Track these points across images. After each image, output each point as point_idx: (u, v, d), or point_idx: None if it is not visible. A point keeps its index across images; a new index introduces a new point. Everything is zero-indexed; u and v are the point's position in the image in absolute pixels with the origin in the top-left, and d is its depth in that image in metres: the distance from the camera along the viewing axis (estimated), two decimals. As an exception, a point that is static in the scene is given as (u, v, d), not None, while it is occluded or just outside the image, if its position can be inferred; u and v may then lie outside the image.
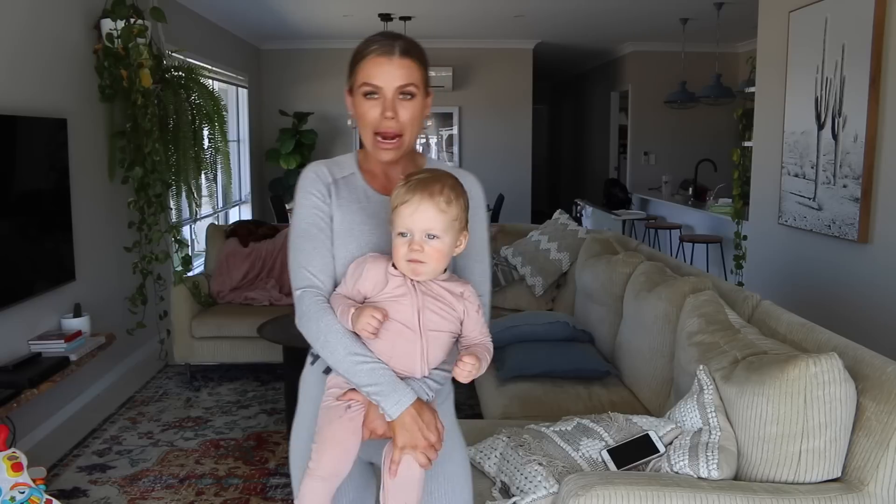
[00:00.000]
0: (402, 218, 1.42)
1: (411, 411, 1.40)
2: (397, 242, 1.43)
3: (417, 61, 1.52)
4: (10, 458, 2.58)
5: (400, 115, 1.50)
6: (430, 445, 1.42)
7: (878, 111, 3.39)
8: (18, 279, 3.37)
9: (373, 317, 1.40)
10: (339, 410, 1.45)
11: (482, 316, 1.50)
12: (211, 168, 4.79)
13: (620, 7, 6.85)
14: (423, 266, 1.42)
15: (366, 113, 1.51)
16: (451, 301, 1.46)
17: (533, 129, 9.39)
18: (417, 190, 1.41)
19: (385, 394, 1.40)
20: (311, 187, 1.56)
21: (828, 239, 3.83)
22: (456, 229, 1.44)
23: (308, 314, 1.48)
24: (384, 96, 1.49)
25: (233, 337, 4.48)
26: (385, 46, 1.50)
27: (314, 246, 1.52)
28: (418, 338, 1.43)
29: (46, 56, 3.70)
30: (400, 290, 1.43)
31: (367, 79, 1.50)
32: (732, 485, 1.77)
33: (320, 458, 1.44)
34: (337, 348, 1.44)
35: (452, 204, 1.42)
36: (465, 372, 1.42)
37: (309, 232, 1.53)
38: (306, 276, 1.51)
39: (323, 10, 7.04)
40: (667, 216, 8.08)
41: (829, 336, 2.05)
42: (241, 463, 3.41)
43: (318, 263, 1.51)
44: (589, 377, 3.05)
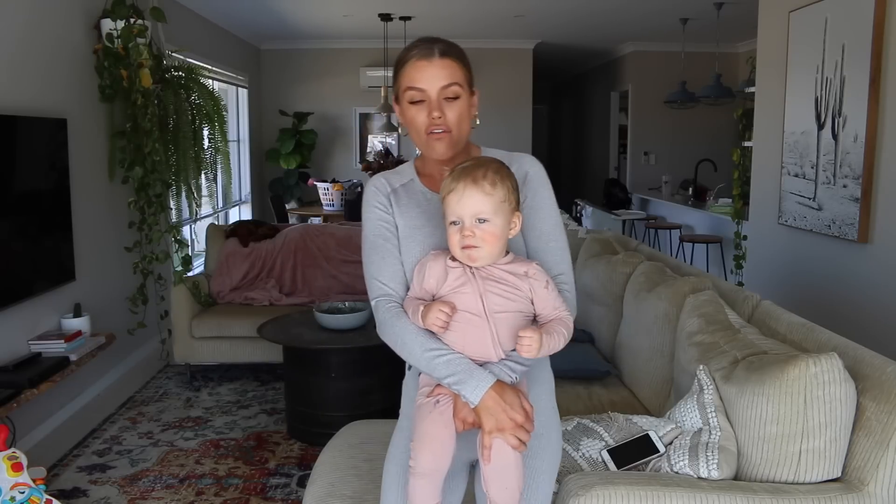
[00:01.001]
0: (450, 206, 1.45)
1: (492, 394, 1.41)
2: (450, 231, 1.46)
3: (458, 60, 1.55)
4: (10, 458, 2.58)
5: (447, 115, 1.52)
6: (519, 426, 1.42)
7: (878, 111, 3.39)
8: (18, 279, 3.37)
9: (441, 311, 1.43)
10: (429, 406, 1.48)
11: (553, 291, 1.49)
12: (211, 168, 4.79)
13: (620, 7, 6.85)
14: (478, 251, 1.44)
15: (414, 118, 1.54)
16: (514, 282, 1.46)
17: (533, 129, 9.39)
18: (461, 177, 1.44)
19: (463, 381, 1.43)
20: (373, 200, 1.61)
21: (828, 239, 3.83)
22: (506, 210, 1.45)
23: (384, 322, 1.54)
24: (429, 98, 1.52)
25: (233, 337, 4.48)
26: (424, 50, 1.53)
27: (381, 256, 1.57)
28: (486, 322, 1.45)
29: (46, 56, 3.70)
30: (460, 279, 1.46)
31: (410, 83, 1.53)
32: (732, 485, 1.77)
33: (418, 456, 1.46)
34: (413, 348, 1.48)
35: (498, 186, 1.44)
36: (525, 346, 1.41)
37: (375, 243, 1.58)
38: (378, 286, 1.56)
39: (323, 10, 7.04)
40: (667, 216, 8.08)
41: (829, 336, 2.05)
42: (241, 463, 3.41)
43: (387, 272, 1.56)
44: (589, 377, 3.05)
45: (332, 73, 8.88)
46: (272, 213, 7.99)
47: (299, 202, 8.56)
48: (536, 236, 1.59)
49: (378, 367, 3.61)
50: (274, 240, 5.07)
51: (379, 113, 8.21)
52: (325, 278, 4.95)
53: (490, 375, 1.43)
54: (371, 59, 8.69)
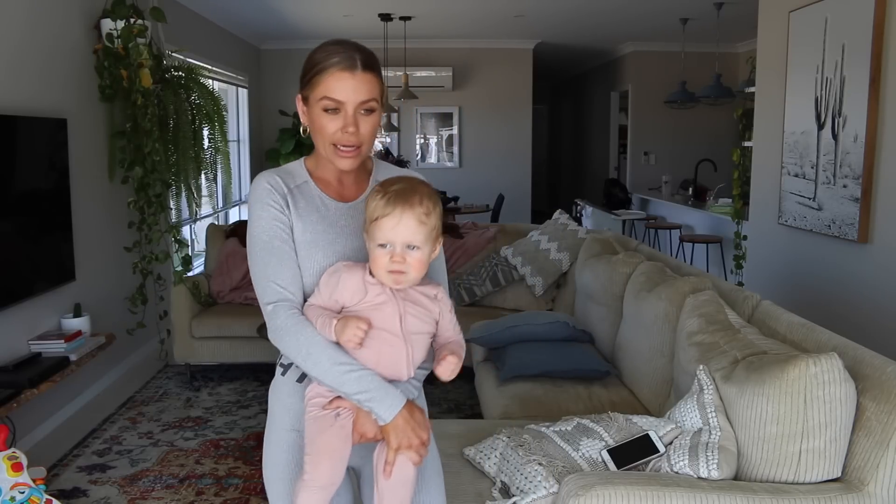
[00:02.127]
0: (382, 230, 1.42)
1: (404, 413, 1.43)
2: (377, 254, 1.44)
3: (377, 74, 1.51)
4: (10, 458, 2.58)
5: (361, 129, 1.49)
6: (423, 443, 1.46)
7: (878, 111, 3.39)
8: (18, 279, 3.37)
9: (358, 328, 1.41)
10: (328, 419, 1.47)
11: (453, 314, 1.54)
12: (211, 168, 4.79)
13: (620, 7, 6.85)
14: (405, 276, 1.44)
15: (324, 126, 1.49)
16: (427, 304, 1.49)
17: (533, 129, 9.39)
18: (398, 202, 1.42)
19: (377, 399, 1.43)
20: (268, 198, 1.53)
21: (828, 239, 3.83)
22: (433, 238, 1.46)
23: (285, 328, 1.48)
24: (345, 111, 1.48)
25: (233, 337, 4.48)
26: (347, 60, 1.47)
27: (279, 259, 1.51)
28: (403, 343, 1.46)
29: (46, 56, 3.70)
30: (380, 297, 1.45)
31: (328, 93, 1.47)
32: (732, 485, 1.77)
33: (316, 469, 1.45)
34: (321, 360, 1.44)
35: (431, 214, 1.44)
36: (450, 370, 1.46)
37: (272, 245, 1.51)
38: (276, 289, 1.50)
39: (323, 10, 7.04)
40: (667, 216, 8.08)
41: (829, 336, 2.05)
42: (241, 463, 3.41)
43: (286, 276, 1.50)
44: (589, 377, 3.05)
45: (332, 73, 8.87)
46: (272, 213, 7.97)
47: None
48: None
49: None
50: (274, 240, 5.06)
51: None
52: (325, 278, 4.95)
53: (402, 395, 1.45)
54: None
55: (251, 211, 1.55)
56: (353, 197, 1.60)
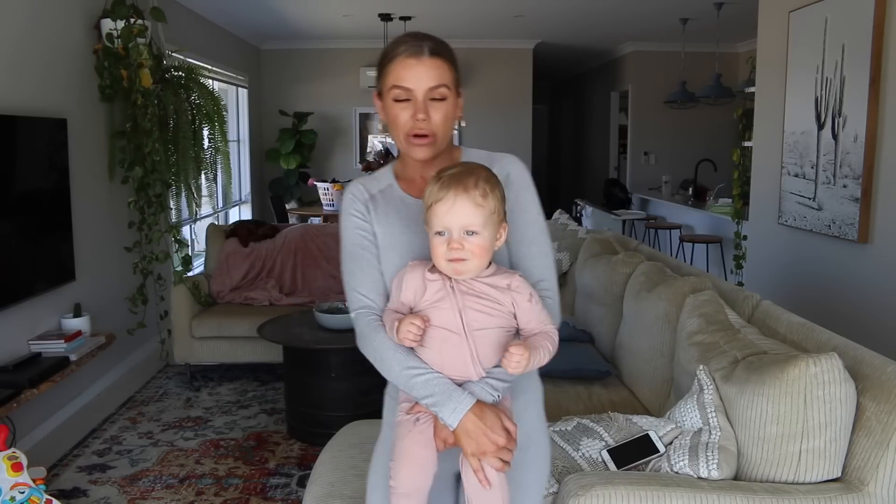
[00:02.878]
0: (437, 216, 1.37)
1: (471, 417, 1.36)
2: (435, 242, 1.38)
3: (448, 61, 1.48)
4: (10, 458, 2.58)
5: (432, 117, 1.45)
6: (501, 448, 1.36)
7: (878, 111, 3.39)
8: (18, 279, 3.37)
9: (412, 324, 1.37)
10: (408, 424, 1.43)
11: (537, 304, 1.41)
12: (211, 168, 4.79)
13: (620, 7, 6.85)
14: (465, 264, 1.37)
15: (397, 116, 1.47)
16: (495, 296, 1.39)
17: (533, 129, 9.39)
18: (451, 185, 1.36)
19: (441, 403, 1.37)
20: (350, 207, 1.54)
21: (828, 239, 3.83)
22: (495, 222, 1.39)
23: (363, 335, 1.49)
24: (415, 98, 1.45)
25: (233, 337, 4.48)
26: (414, 47, 1.45)
27: (360, 266, 1.51)
28: (464, 340, 1.38)
29: (46, 56, 3.70)
30: (438, 294, 1.39)
31: (396, 81, 1.46)
32: (732, 485, 1.77)
33: (398, 475, 1.41)
34: (392, 365, 1.43)
35: (489, 196, 1.37)
36: (513, 362, 1.35)
37: (354, 253, 1.52)
38: (358, 297, 1.51)
39: (323, 10, 7.04)
40: (667, 216, 8.08)
41: (829, 336, 2.05)
42: (241, 463, 3.41)
43: (367, 283, 1.51)
44: (589, 377, 3.05)
45: (332, 73, 8.88)
46: (272, 213, 7.99)
47: (299, 202, 8.56)
48: (518, 240, 1.51)
49: (378, 367, 3.61)
50: (274, 240, 5.07)
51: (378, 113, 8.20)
52: (325, 278, 4.95)
53: (469, 397, 1.37)
54: (371, 59, 8.68)
55: (340, 220, 1.57)
56: None
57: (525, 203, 1.54)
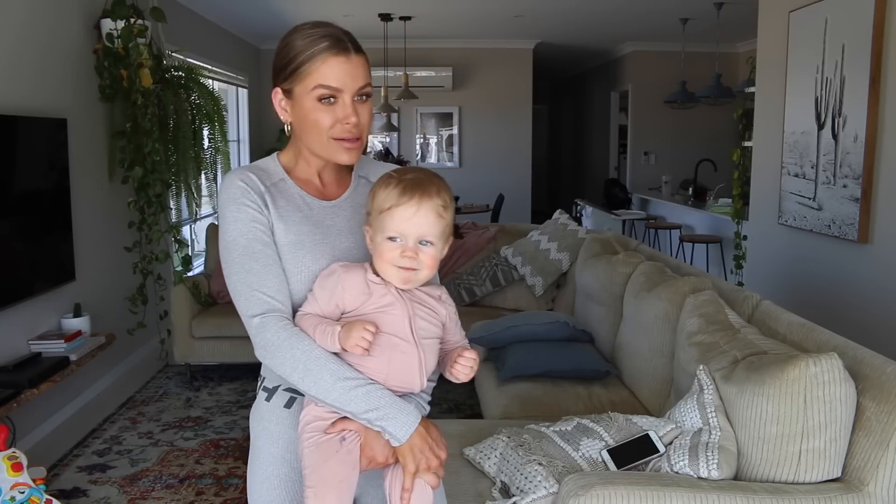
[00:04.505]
0: (395, 221, 1.28)
1: (420, 431, 1.28)
2: (385, 247, 1.29)
3: (366, 57, 1.39)
4: (10, 458, 2.58)
5: (361, 119, 1.36)
6: (441, 463, 1.31)
7: (878, 111, 3.39)
8: (18, 279, 3.37)
9: (365, 329, 1.25)
10: (333, 445, 1.29)
11: (458, 318, 1.42)
12: (211, 168, 4.79)
13: (620, 7, 6.85)
14: (416, 274, 1.30)
15: (320, 120, 1.34)
16: (434, 305, 1.36)
17: (533, 129, 9.39)
18: (416, 191, 1.28)
19: (390, 417, 1.26)
20: (243, 198, 1.36)
21: (828, 239, 3.83)
22: (447, 235, 1.33)
23: (276, 343, 1.30)
24: (342, 100, 1.34)
25: (233, 337, 4.48)
26: (337, 43, 1.34)
27: (263, 264, 1.34)
28: (414, 348, 1.31)
29: (46, 56, 3.70)
30: (386, 298, 1.30)
31: (323, 80, 1.33)
32: (732, 485, 1.77)
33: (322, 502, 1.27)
34: (322, 375, 1.27)
35: (448, 208, 1.32)
36: (468, 368, 1.33)
37: (253, 249, 1.34)
38: (263, 299, 1.33)
39: (323, 10, 7.04)
40: (667, 216, 8.08)
41: (829, 336, 2.05)
42: (241, 463, 3.41)
43: (272, 283, 1.34)
44: (589, 377, 3.05)
45: (332, 73, 8.87)
46: (272, 213, 7.98)
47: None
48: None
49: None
50: (274, 240, 5.07)
51: (379, 113, 8.20)
52: (325, 278, 4.95)
53: (417, 410, 1.30)
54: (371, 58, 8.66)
55: (224, 213, 1.37)
56: (337, 195, 1.45)
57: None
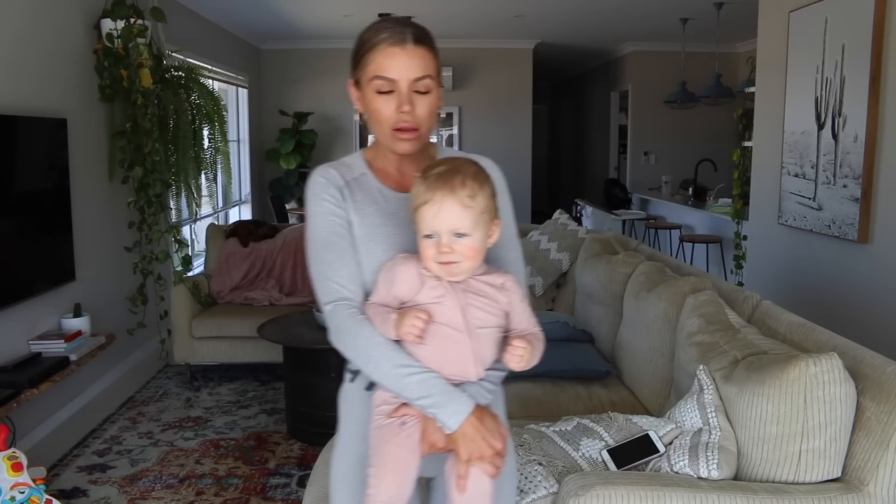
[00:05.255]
0: (425, 220, 1.31)
1: (472, 420, 1.30)
2: (424, 245, 1.33)
3: (431, 50, 1.41)
4: (10, 458, 2.58)
5: (416, 109, 1.38)
6: (497, 453, 1.32)
7: (878, 111, 3.39)
8: (18, 279, 3.37)
9: (417, 318, 1.30)
10: (393, 429, 1.34)
11: (527, 305, 1.40)
12: (211, 168, 4.79)
13: (620, 7, 6.85)
14: (458, 266, 1.32)
15: (380, 109, 1.39)
16: (492, 294, 1.36)
17: (533, 129, 9.39)
18: (438, 186, 1.30)
19: (441, 405, 1.30)
20: (324, 192, 1.44)
21: (828, 239, 3.83)
22: (485, 221, 1.34)
23: (344, 329, 1.38)
24: (399, 90, 1.38)
25: (233, 337, 4.48)
26: (397, 34, 1.38)
27: (338, 255, 1.41)
28: (467, 338, 1.33)
29: (46, 56, 3.70)
30: (438, 290, 1.33)
31: (379, 71, 1.37)
32: (732, 485, 1.77)
33: (380, 483, 1.32)
34: (381, 362, 1.33)
35: (477, 196, 1.32)
36: (517, 356, 1.33)
37: (330, 241, 1.42)
38: (335, 288, 1.40)
39: (323, 10, 7.04)
40: (667, 216, 8.08)
41: (829, 336, 2.05)
42: (241, 463, 3.41)
43: (345, 274, 1.41)
44: (589, 377, 3.05)
45: (332, 73, 8.87)
46: (272, 213, 7.99)
47: (299, 202, 8.55)
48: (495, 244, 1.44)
49: (378, 367, 3.61)
50: (274, 240, 5.07)
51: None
52: (325, 278, 4.95)
53: (469, 399, 1.32)
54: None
55: (307, 207, 1.46)
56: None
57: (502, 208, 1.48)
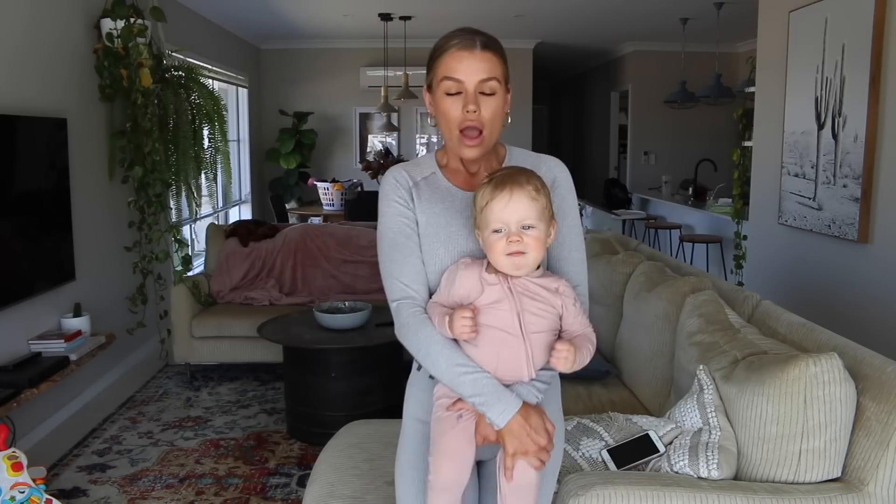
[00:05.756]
0: (494, 213, 1.40)
1: (518, 419, 1.39)
2: (492, 239, 1.40)
3: (498, 55, 1.49)
4: (10, 458, 2.58)
5: (482, 110, 1.46)
6: (541, 448, 1.41)
7: (877, 111, 3.40)
8: (18, 279, 3.37)
9: (463, 318, 1.39)
10: (451, 421, 1.45)
11: (579, 307, 1.48)
12: (211, 168, 4.79)
13: (620, 7, 6.85)
14: (525, 257, 1.40)
15: (448, 110, 1.48)
16: (548, 298, 1.44)
17: (533, 129, 9.39)
18: (506, 183, 1.40)
19: (489, 404, 1.39)
20: (393, 194, 1.54)
21: (828, 239, 3.83)
22: (546, 218, 1.43)
23: (407, 326, 1.48)
24: (466, 90, 1.46)
25: (233, 337, 4.48)
26: (466, 40, 1.47)
27: (404, 255, 1.51)
28: (522, 343, 1.42)
29: (47, 56, 3.70)
30: (496, 295, 1.41)
31: (448, 73, 1.47)
32: (732, 485, 1.77)
33: (439, 470, 1.44)
34: (438, 360, 1.43)
35: (541, 192, 1.42)
36: (562, 358, 1.39)
37: (397, 241, 1.52)
38: (400, 287, 1.50)
39: (323, 9, 7.04)
40: (667, 216, 8.08)
41: (829, 336, 2.05)
42: (241, 462, 3.41)
43: (410, 273, 1.50)
44: (589, 377, 3.05)
45: (332, 73, 8.88)
46: (272, 212, 7.99)
47: (299, 202, 8.56)
48: (559, 243, 1.55)
49: (378, 367, 3.61)
50: (274, 239, 5.07)
51: (379, 112, 8.21)
52: (325, 278, 4.95)
53: (516, 399, 1.40)
54: (371, 58, 8.69)
55: (380, 207, 1.55)
56: None
57: (568, 207, 1.58)
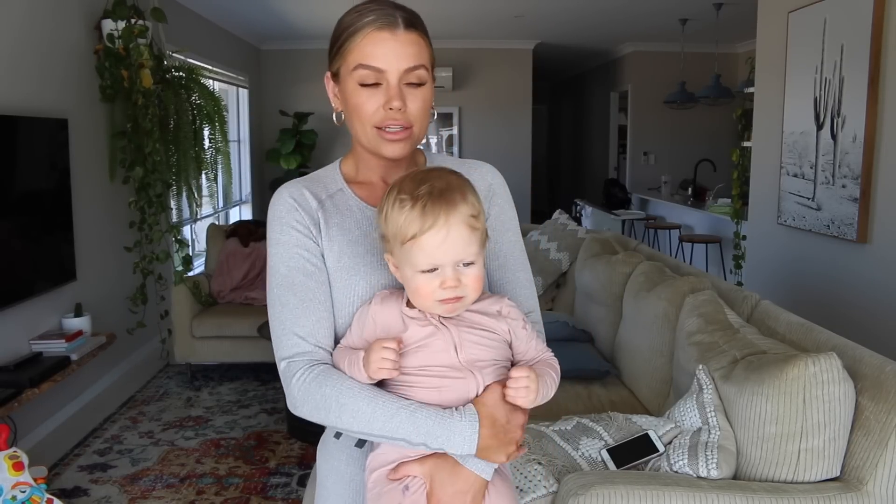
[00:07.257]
0: (426, 251, 1.05)
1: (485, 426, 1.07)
2: (420, 282, 1.07)
3: (425, 36, 1.18)
4: (11, 458, 2.58)
5: (408, 105, 1.14)
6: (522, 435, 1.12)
7: (876, 111, 3.40)
8: (19, 279, 3.37)
9: (383, 348, 1.07)
10: (395, 496, 1.11)
11: (531, 330, 1.17)
12: (211, 168, 4.80)
13: (620, 7, 6.86)
14: (462, 302, 1.09)
15: (362, 105, 1.14)
16: (489, 325, 1.13)
17: (533, 129, 9.39)
18: (439, 208, 1.05)
19: (444, 436, 1.06)
20: (289, 217, 1.17)
21: (827, 239, 3.83)
22: (483, 242, 1.11)
23: (304, 389, 1.11)
24: (387, 82, 1.13)
25: (233, 336, 4.49)
26: (385, 17, 1.13)
27: (301, 299, 1.15)
28: (471, 377, 1.10)
29: (47, 56, 3.71)
30: (426, 330, 1.10)
31: (363, 59, 1.13)
32: (732, 484, 1.77)
33: None
34: (358, 406, 1.07)
35: (480, 214, 1.09)
36: (522, 388, 1.08)
37: (293, 280, 1.15)
38: (294, 341, 1.14)
39: (323, 10, 7.04)
40: (666, 216, 8.09)
41: (828, 336, 2.06)
42: (242, 462, 3.42)
43: (306, 322, 1.14)
44: (589, 377, 3.05)
45: (332, 73, 8.88)
46: (272, 212, 7.98)
47: (299, 202, 8.55)
48: (502, 265, 1.24)
49: (378, 366, 3.62)
50: (274, 240, 5.07)
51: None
52: (326, 278, 4.95)
53: (469, 410, 1.07)
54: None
55: (269, 232, 1.19)
56: None
57: (508, 220, 1.27)
